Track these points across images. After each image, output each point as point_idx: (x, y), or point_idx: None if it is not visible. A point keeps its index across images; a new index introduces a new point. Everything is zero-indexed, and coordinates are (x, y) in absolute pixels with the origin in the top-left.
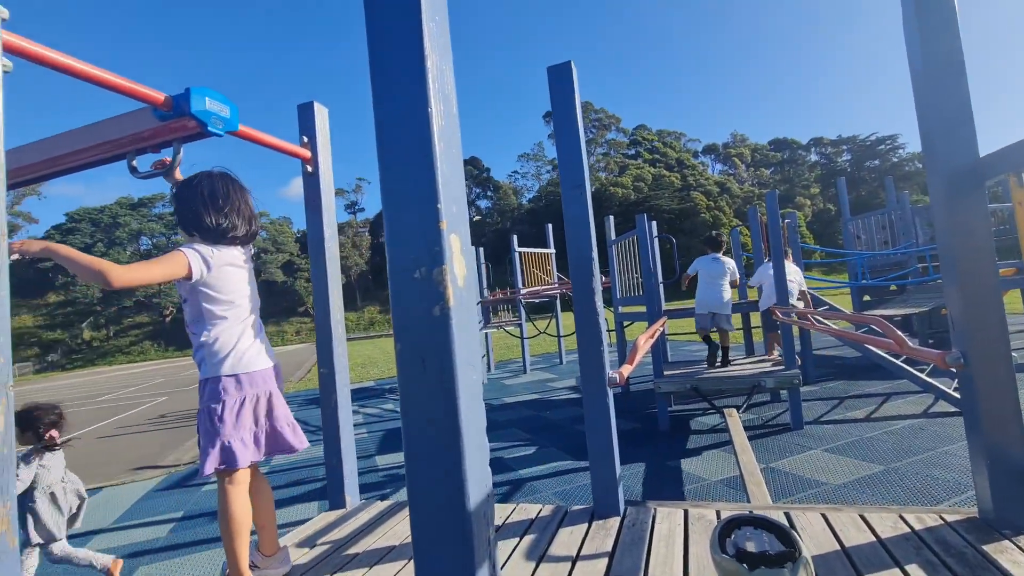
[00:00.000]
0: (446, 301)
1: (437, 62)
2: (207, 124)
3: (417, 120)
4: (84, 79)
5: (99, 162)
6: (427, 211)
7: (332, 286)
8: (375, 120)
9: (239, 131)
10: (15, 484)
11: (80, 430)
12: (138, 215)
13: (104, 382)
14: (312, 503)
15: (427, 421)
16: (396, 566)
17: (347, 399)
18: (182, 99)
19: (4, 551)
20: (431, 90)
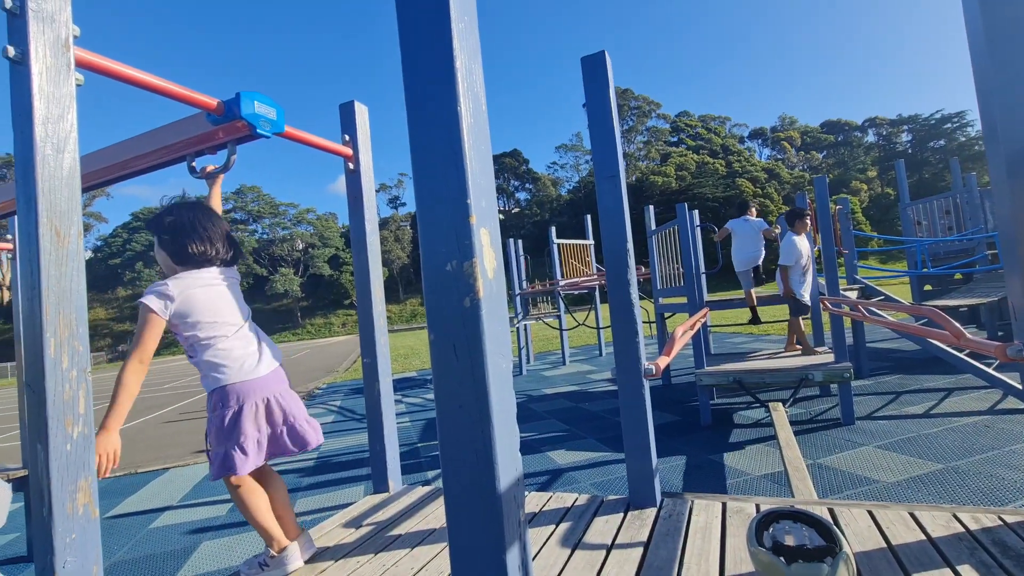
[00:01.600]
0: (476, 293)
1: (466, 62)
2: (256, 126)
3: (447, 119)
4: (146, 88)
5: (161, 165)
6: (457, 206)
7: (374, 279)
8: (408, 119)
9: (285, 132)
10: (95, 461)
11: (149, 415)
12: None
13: (167, 371)
14: (358, 487)
15: (459, 407)
16: (436, 548)
17: (389, 388)
18: (233, 103)
19: (87, 521)
20: (460, 89)
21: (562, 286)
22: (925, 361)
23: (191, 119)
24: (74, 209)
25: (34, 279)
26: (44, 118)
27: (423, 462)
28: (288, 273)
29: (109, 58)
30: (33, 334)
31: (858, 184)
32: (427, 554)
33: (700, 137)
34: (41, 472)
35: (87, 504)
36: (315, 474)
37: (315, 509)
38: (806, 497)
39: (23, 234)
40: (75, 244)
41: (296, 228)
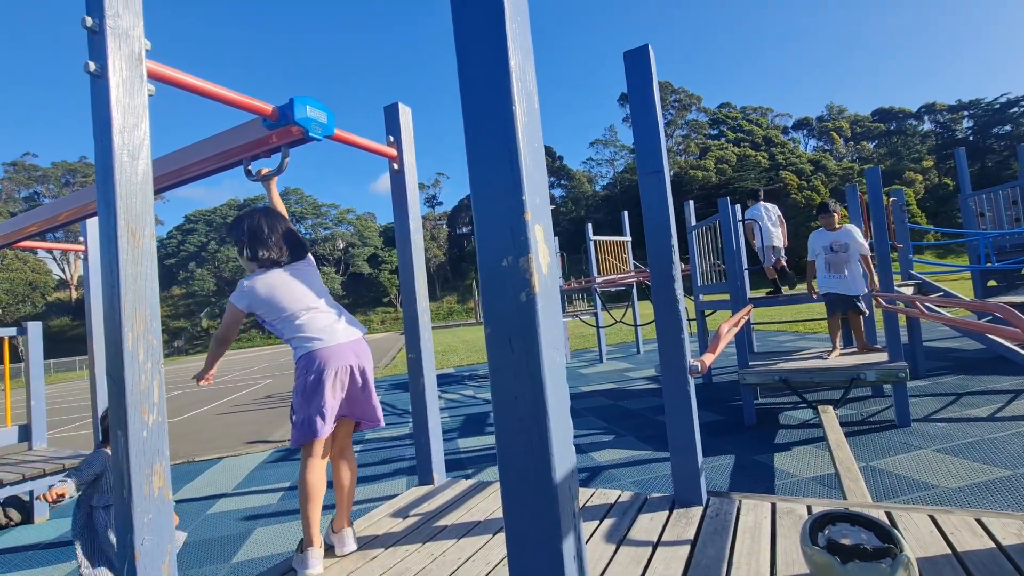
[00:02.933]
0: (532, 288)
1: (520, 62)
2: (308, 130)
3: (502, 117)
4: (209, 97)
5: (220, 169)
6: (512, 203)
7: (418, 276)
8: (464, 118)
9: (335, 135)
10: (167, 446)
11: (204, 407)
12: None
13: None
14: (399, 479)
15: (514, 398)
16: (481, 540)
17: (433, 383)
18: (287, 108)
19: (162, 503)
20: (514, 89)
21: (599, 283)
22: (989, 361)
23: (248, 125)
24: (147, 212)
25: (113, 277)
26: (121, 127)
27: (463, 457)
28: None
29: (177, 69)
30: (113, 328)
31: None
32: (473, 545)
33: (741, 129)
34: (121, 456)
35: (162, 487)
36: (360, 465)
37: (359, 499)
38: (859, 500)
39: (103, 236)
40: (148, 244)
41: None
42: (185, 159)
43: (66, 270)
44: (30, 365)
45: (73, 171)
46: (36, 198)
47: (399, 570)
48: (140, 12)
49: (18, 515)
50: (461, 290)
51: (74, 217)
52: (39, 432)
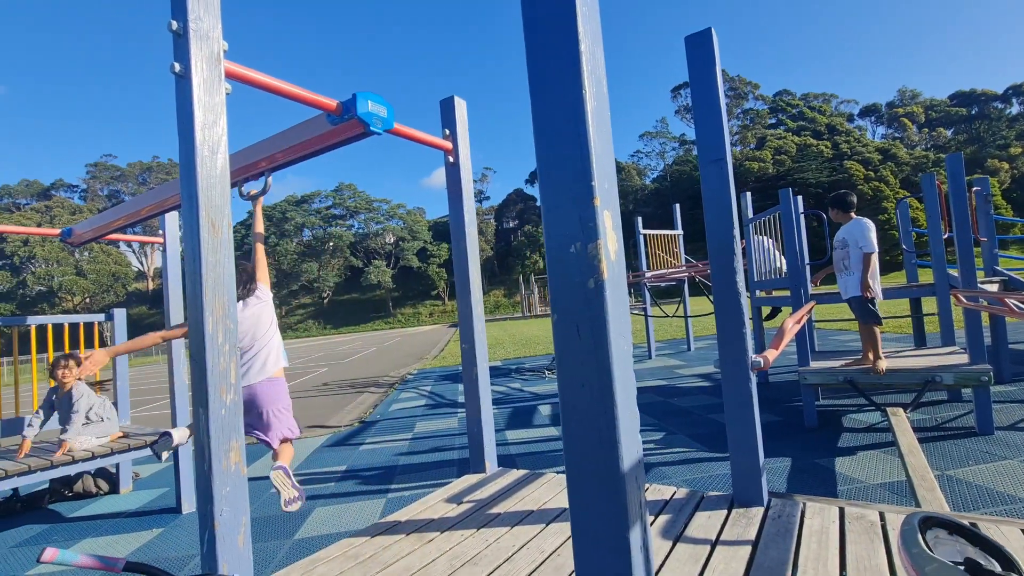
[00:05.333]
0: (600, 274)
1: (589, 45)
2: (369, 124)
3: (571, 102)
4: (280, 94)
5: (288, 164)
6: (581, 189)
7: (472, 268)
8: (532, 103)
9: (394, 129)
10: (242, 424)
11: None
12: (301, 210)
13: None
14: (450, 468)
15: (581, 386)
16: (535, 528)
17: (486, 373)
18: (350, 104)
19: (238, 477)
20: (584, 73)
21: (648, 278)
22: None
23: (313, 120)
24: (225, 204)
25: (195, 266)
26: (202, 124)
27: (511, 448)
28: (381, 265)
29: (251, 68)
30: (195, 314)
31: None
32: (527, 533)
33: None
34: (202, 433)
35: (238, 463)
36: (410, 453)
37: (412, 485)
38: (936, 509)
39: (186, 226)
40: (226, 235)
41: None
42: (256, 154)
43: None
44: None
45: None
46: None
47: (455, 554)
48: (219, 15)
49: (106, 485)
50: (508, 284)
51: (154, 212)
52: (124, 410)
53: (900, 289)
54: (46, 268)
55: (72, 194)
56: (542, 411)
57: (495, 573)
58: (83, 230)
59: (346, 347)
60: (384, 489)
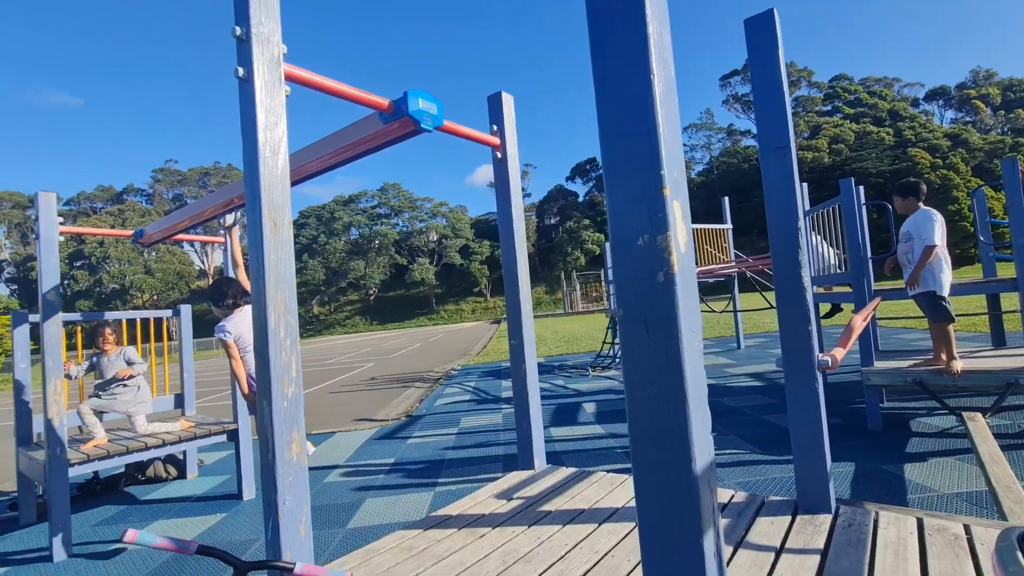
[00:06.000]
0: (671, 267)
1: (657, 27)
2: (420, 122)
3: (638, 88)
4: (334, 95)
5: (342, 163)
6: (650, 178)
7: (520, 263)
8: (596, 90)
9: (443, 126)
10: (303, 416)
11: (317, 386)
12: (348, 210)
13: (329, 348)
14: (495, 463)
15: (649, 383)
16: (587, 528)
17: (535, 369)
18: (401, 102)
19: (299, 468)
20: (652, 56)
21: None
22: None
23: (365, 120)
24: (286, 203)
25: (258, 263)
26: (264, 126)
27: (556, 445)
28: (424, 263)
29: (307, 70)
30: (259, 309)
31: None
32: (579, 532)
33: (861, 103)
34: (266, 424)
35: (299, 453)
36: (456, 448)
37: (459, 479)
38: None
39: (250, 225)
40: (287, 233)
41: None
42: (311, 155)
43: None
44: (183, 343)
45: (207, 174)
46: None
47: (507, 550)
48: (278, 19)
49: (175, 471)
50: (550, 281)
51: (216, 213)
52: (190, 400)
53: (976, 284)
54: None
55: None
56: (587, 409)
57: (548, 572)
58: (153, 231)
59: (391, 343)
60: (431, 482)
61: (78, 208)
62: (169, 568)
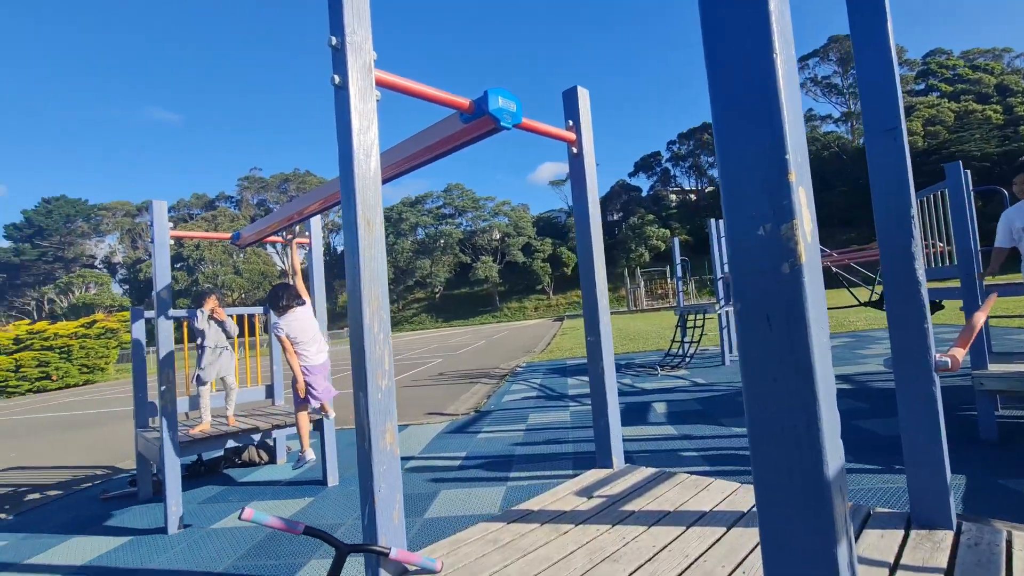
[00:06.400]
0: (797, 257)
1: (778, 3)
2: (500, 120)
3: (759, 67)
4: (419, 97)
5: (424, 163)
6: (773, 162)
7: (597, 260)
8: (708, 70)
9: (522, 123)
10: (395, 408)
11: None
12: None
13: (399, 345)
14: (565, 460)
15: (773, 381)
16: (674, 530)
17: (612, 367)
18: (482, 101)
19: (392, 457)
20: (774, 33)
21: None
22: None
23: (446, 121)
24: (378, 204)
25: (353, 261)
26: (358, 130)
27: (626, 444)
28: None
29: (395, 75)
30: (354, 305)
31: None
32: (666, 534)
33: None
34: (362, 415)
35: (392, 444)
36: (525, 444)
37: (530, 474)
38: None
39: (346, 225)
40: (379, 232)
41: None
42: (395, 156)
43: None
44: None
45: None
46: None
47: (592, 548)
48: (369, 27)
49: (266, 456)
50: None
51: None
52: (279, 391)
53: None
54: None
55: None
56: (657, 408)
57: (637, 573)
58: (247, 234)
59: (457, 339)
60: (503, 477)
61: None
62: (266, 546)
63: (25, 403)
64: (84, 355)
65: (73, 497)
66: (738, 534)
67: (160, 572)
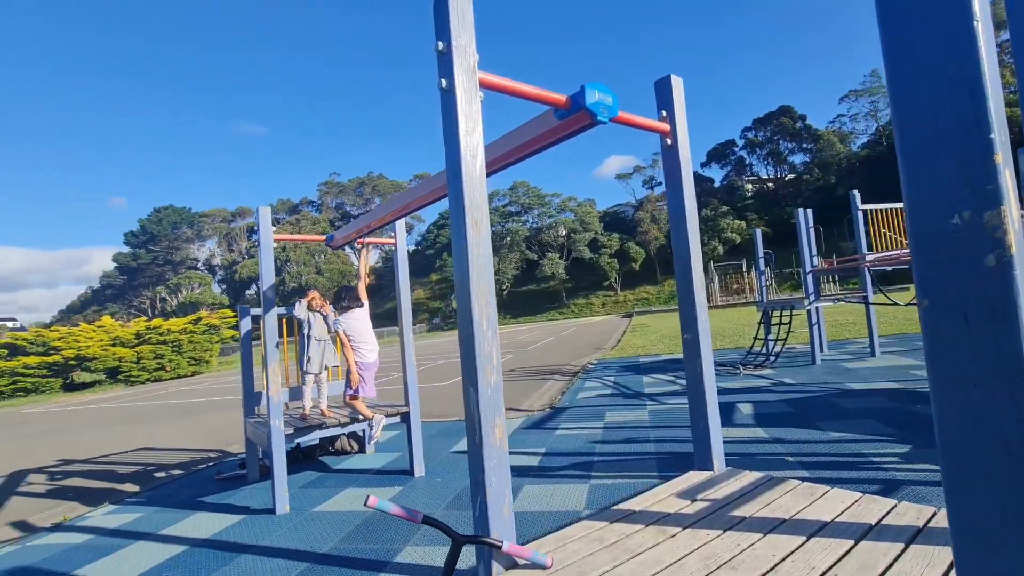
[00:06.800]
0: (1006, 247)
1: None
2: (597, 114)
3: (955, 34)
4: (518, 96)
5: (515, 162)
6: (971, 143)
7: (693, 254)
8: (884, 41)
9: (617, 116)
10: (503, 403)
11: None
12: None
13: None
14: (648, 461)
15: (972, 386)
16: (793, 540)
17: (711, 365)
18: (579, 96)
19: (502, 452)
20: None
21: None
22: None
23: (539, 118)
24: (483, 202)
25: (463, 258)
26: (464, 132)
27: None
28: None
29: (495, 75)
30: (463, 302)
31: None
32: (786, 544)
33: None
34: (472, 410)
35: (502, 439)
36: (605, 442)
37: (613, 474)
38: None
39: (454, 225)
40: (485, 230)
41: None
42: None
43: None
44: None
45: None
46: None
47: (705, 554)
48: (473, 31)
49: (356, 445)
50: None
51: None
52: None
53: None
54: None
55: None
56: (742, 410)
57: None
58: (340, 235)
59: (526, 336)
60: (585, 475)
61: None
62: (364, 531)
63: (145, 391)
64: (192, 349)
65: (192, 477)
66: (868, 548)
67: (273, 549)
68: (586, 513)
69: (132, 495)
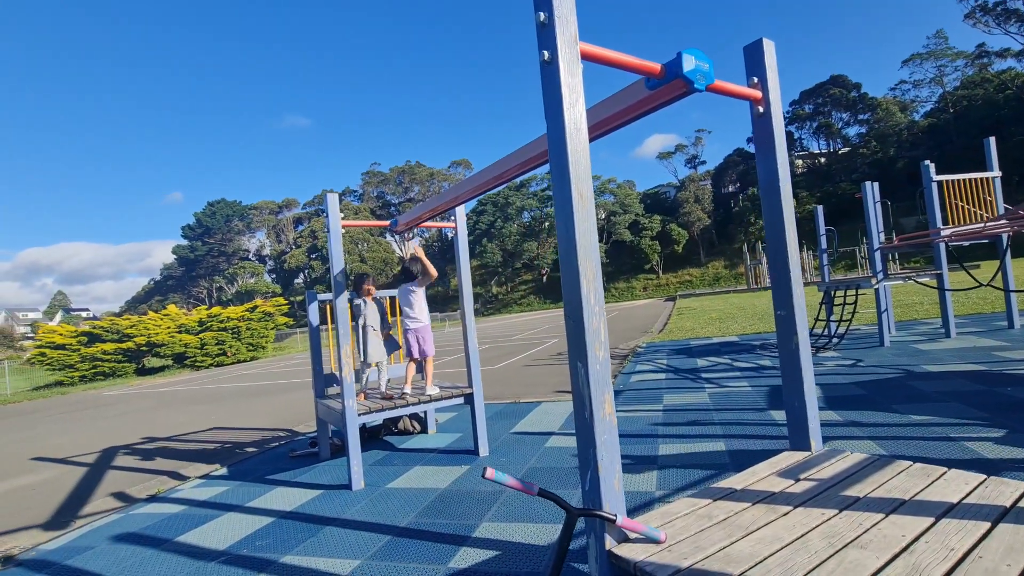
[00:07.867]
0: None
1: None
2: (694, 82)
3: None
4: (615, 65)
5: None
6: None
7: (788, 227)
8: None
9: (713, 84)
10: (610, 378)
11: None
12: (520, 195)
13: (511, 326)
14: (715, 441)
15: None
16: (920, 521)
17: (807, 341)
18: (674, 64)
19: (612, 427)
20: None
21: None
22: None
23: (630, 88)
24: (588, 175)
25: (569, 234)
26: (568, 104)
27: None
28: None
29: (595, 45)
30: (570, 278)
31: None
32: (913, 525)
33: None
34: (582, 385)
35: (611, 413)
36: (667, 424)
37: (682, 454)
38: None
39: (559, 199)
40: (590, 204)
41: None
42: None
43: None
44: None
45: (402, 172)
46: (382, 196)
47: (826, 532)
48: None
49: (419, 426)
50: (729, 254)
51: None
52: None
53: None
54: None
55: (353, 198)
56: None
57: (895, 563)
58: (403, 220)
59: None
60: (652, 456)
61: (312, 209)
62: (438, 506)
63: (210, 375)
64: (249, 335)
65: (267, 455)
66: (1011, 531)
67: (354, 522)
68: (659, 494)
69: (215, 471)
